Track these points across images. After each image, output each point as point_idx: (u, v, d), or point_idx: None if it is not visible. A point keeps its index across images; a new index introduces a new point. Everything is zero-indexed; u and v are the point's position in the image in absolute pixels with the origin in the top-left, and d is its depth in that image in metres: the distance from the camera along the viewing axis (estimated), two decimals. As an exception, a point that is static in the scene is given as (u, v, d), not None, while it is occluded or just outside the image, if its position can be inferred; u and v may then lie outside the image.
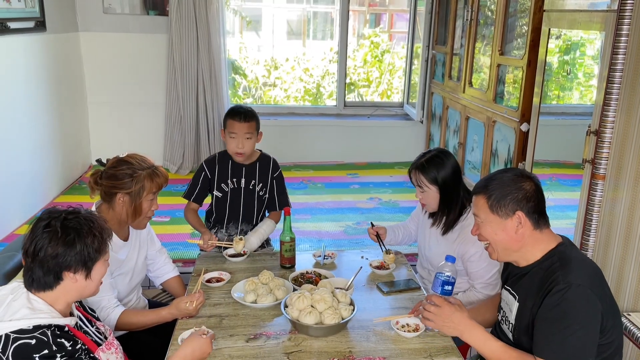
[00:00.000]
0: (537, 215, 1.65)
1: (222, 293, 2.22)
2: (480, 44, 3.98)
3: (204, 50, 4.84)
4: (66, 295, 1.52)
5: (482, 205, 1.71)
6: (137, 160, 2.06)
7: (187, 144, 5.03)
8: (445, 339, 1.91)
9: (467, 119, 4.07)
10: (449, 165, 2.27)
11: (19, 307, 1.44)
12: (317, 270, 2.38)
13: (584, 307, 1.53)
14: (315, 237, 3.56)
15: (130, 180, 2.00)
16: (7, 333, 1.40)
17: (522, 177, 1.68)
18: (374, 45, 7.73)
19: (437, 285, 1.83)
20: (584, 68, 4.19)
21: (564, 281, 1.55)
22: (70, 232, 1.47)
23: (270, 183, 2.81)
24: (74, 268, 1.48)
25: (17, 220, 3.60)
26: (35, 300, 1.47)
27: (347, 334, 1.94)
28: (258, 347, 1.86)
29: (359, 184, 4.82)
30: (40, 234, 1.46)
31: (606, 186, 2.21)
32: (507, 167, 3.37)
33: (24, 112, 3.79)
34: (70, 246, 1.46)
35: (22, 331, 1.40)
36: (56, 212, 1.51)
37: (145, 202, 2.05)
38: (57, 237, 1.45)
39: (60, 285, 1.49)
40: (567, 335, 1.52)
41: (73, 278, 1.49)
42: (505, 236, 1.68)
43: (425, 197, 2.31)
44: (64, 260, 1.46)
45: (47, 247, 1.44)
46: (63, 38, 4.47)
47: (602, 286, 1.62)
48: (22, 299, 1.47)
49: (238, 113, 2.68)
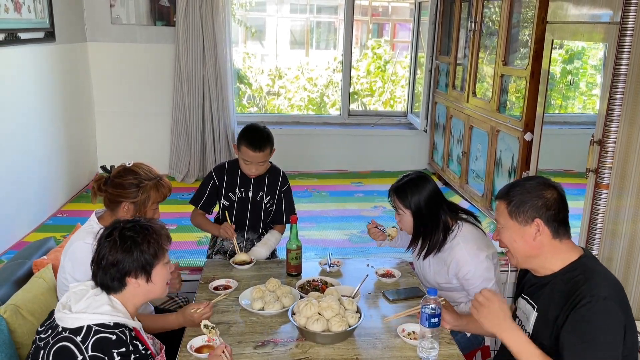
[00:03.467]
0: (556, 224, 1.65)
1: (229, 300, 2.24)
2: (484, 54, 4.02)
3: (210, 60, 4.89)
4: (134, 299, 1.62)
5: (502, 210, 1.73)
6: (143, 170, 2.10)
7: (193, 153, 5.07)
8: (452, 346, 1.93)
9: (470, 128, 4.10)
10: (424, 191, 2.25)
11: (102, 302, 1.54)
12: (323, 278, 2.40)
13: (612, 322, 1.54)
14: (321, 245, 3.58)
15: (136, 190, 2.04)
16: (89, 325, 1.48)
17: (545, 185, 1.69)
18: (377, 56, 7.79)
19: (424, 320, 1.82)
20: (586, 78, 4.23)
21: (590, 294, 1.55)
22: (127, 240, 1.59)
23: (278, 196, 2.84)
24: (134, 273, 1.59)
25: (25, 228, 3.63)
26: (115, 301, 1.58)
27: (353, 341, 1.96)
28: (266, 354, 1.88)
29: (363, 192, 4.85)
30: (103, 243, 1.60)
31: (610, 195, 2.23)
32: (511, 176, 3.39)
33: (33, 121, 3.84)
34: (127, 253, 1.58)
35: (104, 325, 1.49)
36: (118, 222, 1.66)
37: (149, 211, 2.09)
38: (116, 245, 1.58)
39: (125, 290, 1.60)
40: (598, 350, 1.52)
41: (135, 283, 1.60)
42: (524, 243, 1.69)
43: (401, 220, 2.33)
44: (123, 267, 1.58)
45: (108, 255, 1.58)
46: (71, 48, 4.52)
47: (624, 300, 1.62)
48: (104, 296, 1.57)
49: (252, 142, 2.62)
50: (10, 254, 3.15)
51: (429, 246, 2.28)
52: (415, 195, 2.24)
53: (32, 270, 2.33)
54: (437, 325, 1.84)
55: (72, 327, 1.48)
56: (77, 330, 1.47)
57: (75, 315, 1.49)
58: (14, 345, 1.82)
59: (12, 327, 1.84)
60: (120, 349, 1.47)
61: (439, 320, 1.84)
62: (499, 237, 1.78)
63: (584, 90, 4.36)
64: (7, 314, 1.85)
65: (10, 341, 1.80)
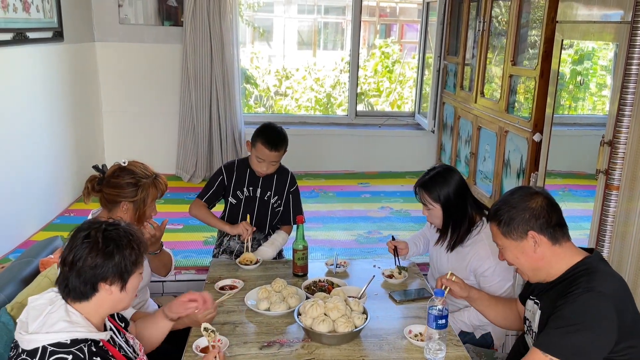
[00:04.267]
0: (551, 229, 1.64)
1: (235, 301, 2.24)
2: (492, 54, 3.99)
3: (218, 61, 4.90)
4: (101, 308, 1.51)
5: (496, 232, 1.73)
6: (139, 169, 2.08)
7: (200, 153, 5.08)
8: (459, 348, 1.92)
9: (478, 129, 4.08)
10: (452, 182, 2.24)
11: (57, 319, 1.43)
12: (329, 279, 2.39)
13: (596, 312, 1.52)
14: (327, 245, 3.57)
15: (135, 190, 2.03)
16: (44, 345, 1.39)
17: (529, 195, 1.68)
18: (385, 55, 7.77)
19: (431, 321, 1.81)
20: (596, 78, 4.19)
21: (585, 287, 1.55)
22: (109, 243, 1.47)
23: (285, 197, 2.83)
24: (110, 280, 1.48)
25: (33, 227, 3.65)
26: (74, 313, 1.47)
27: (360, 342, 1.95)
28: (272, 355, 1.87)
29: (370, 193, 4.83)
30: (80, 244, 1.46)
31: (620, 197, 2.20)
32: (520, 177, 3.36)
33: (41, 120, 3.86)
34: (109, 257, 1.46)
35: (60, 345, 1.40)
36: (97, 223, 1.51)
37: (148, 209, 2.08)
38: (97, 247, 1.46)
39: (95, 297, 1.48)
40: (570, 332, 1.51)
41: (109, 290, 1.49)
42: (526, 258, 1.69)
43: (430, 215, 2.32)
44: (101, 271, 1.46)
45: (87, 257, 1.45)
46: (80, 48, 4.54)
47: (626, 302, 1.59)
48: (60, 311, 1.46)
49: (270, 141, 2.63)
50: (17, 252, 3.17)
51: (458, 238, 2.28)
52: (445, 188, 2.23)
53: (38, 269, 2.33)
54: (445, 327, 1.83)
55: (28, 349, 1.41)
56: (33, 352, 1.40)
57: (30, 337, 1.41)
58: (20, 344, 1.82)
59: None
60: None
61: (446, 321, 1.83)
62: (504, 258, 1.77)
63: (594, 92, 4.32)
64: (14, 312, 1.85)
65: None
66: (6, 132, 3.37)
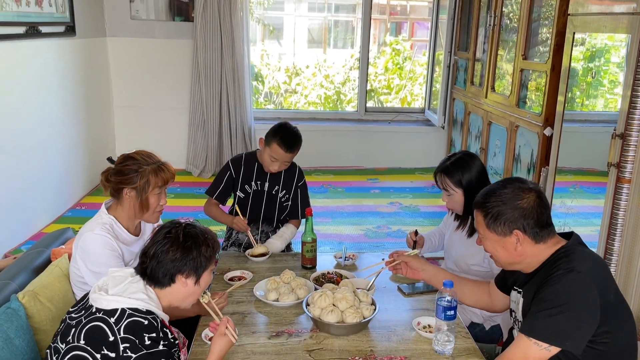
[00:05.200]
0: (537, 230, 1.61)
1: (244, 291, 2.24)
2: (503, 49, 3.97)
3: (228, 56, 4.91)
4: (172, 297, 1.63)
5: (480, 221, 1.70)
6: (142, 156, 2.10)
7: (210, 148, 5.10)
8: (468, 340, 1.91)
9: (489, 124, 4.06)
10: (474, 167, 2.25)
11: (137, 289, 1.56)
12: (338, 271, 2.39)
13: (579, 292, 1.50)
14: (336, 239, 3.58)
15: (135, 175, 2.04)
16: (124, 308, 1.51)
17: (522, 190, 1.64)
18: (396, 52, 7.75)
19: (440, 312, 1.80)
20: (608, 75, 4.15)
21: (565, 268, 1.54)
22: (189, 239, 1.61)
23: (294, 191, 2.84)
24: (187, 273, 1.61)
25: (45, 220, 3.69)
26: (150, 291, 1.60)
27: (368, 333, 1.94)
28: (280, 345, 1.87)
29: (379, 188, 4.83)
30: (162, 239, 1.61)
31: (632, 190, 2.19)
32: (530, 172, 3.35)
33: (54, 114, 3.89)
34: (187, 252, 1.60)
35: (138, 310, 1.52)
36: (178, 222, 1.67)
37: (152, 196, 2.08)
38: (177, 242, 1.60)
39: (170, 287, 1.61)
40: (552, 314, 1.50)
41: (184, 282, 1.62)
42: (505, 252, 1.67)
43: (450, 201, 2.31)
44: (180, 265, 1.59)
45: (169, 250, 1.59)
46: (91, 43, 4.58)
47: (606, 282, 1.58)
48: (140, 284, 1.59)
49: (286, 142, 2.62)
50: (29, 243, 3.21)
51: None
52: (467, 173, 2.23)
53: (50, 259, 2.36)
54: (453, 318, 1.82)
55: (106, 309, 1.51)
56: (112, 312, 1.50)
57: (111, 297, 1.52)
58: (32, 330, 1.84)
59: (29, 313, 1.86)
60: (151, 334, 1.50)
61: (455, 313, 1.82)
62: (482, 244, 1.75)
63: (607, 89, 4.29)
64: (25, 300, 1.87)
65: (28, 326, 1.82)
66: (19, 125, 3.41)
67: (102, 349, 1.46)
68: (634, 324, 1.65)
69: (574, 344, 1.50)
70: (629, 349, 1.62)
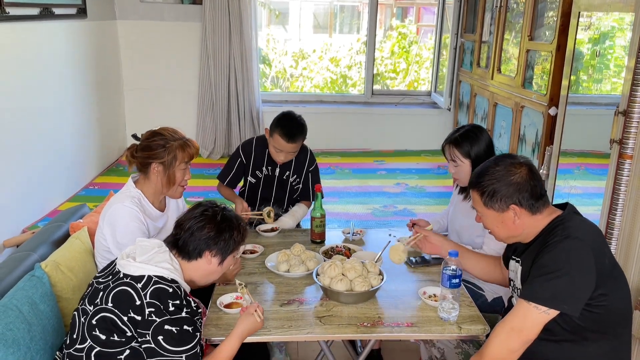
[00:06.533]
0: (532, 201, 1.68)
1: (255, 264, 2.32)
2: (510, 30, 4.00)
3: (236, 38, 4.96)
4: (195, 272, 1.72)
5: (477, 200, 1.76)
6: (169, 132, 2.19)
7: (219, 130, 5.17)
8: (472, 308, 1.98)
9: (495, 105, 4.10)
10: (482, 140, 2.31)
11: (163, 259, 1.65)
12: (346, 245, 2.46)
13: (576, 257, 1.57)
14: (344, 218, 3.65)
15: (163, 150, 2.12)
16: (150, 275, 1.59)
17: (513, 166, 1.70)
18: (402, 36, 7.75)
19: (445, 280, 1.87)
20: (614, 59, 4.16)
21: (561, 235, 1.61)
22: (225, 221, 1.71)
23: (305, 175, 2.88)
24: (215, 252, 1.70)
25: (60, 198, 3.78)
26: (176, 262, 1.68)
27: (375, 302, 2.02)
28: (292, 312, 1.95)
29: (385, 170, 4.89)
30: (199, 215, 1.70)
31: (633, 166, 2.23)
32: (535, 152, 3.39)
33: (66, 96, 3.96)
34: (221, 232, 1.69)
35: (163, 278, 1.60)
36: (216, 204, 1.78)
37: (178, 171, 2.16)
38: (214, 222, 1.69)
39: (196, 262, 1.70)
40: (550, 278, 1.57)
41: (210, 260, 1.70)
42: (504, 227, 1.74)
43: (458, 172, 2.36)
44: (212, 242, 1.68)
45: (205, 227, 1.68)
46: (102, 25, 4.63)
47: (602, 247, 1.65)
48: (165, 254, 1.67)
49: (287, 132, 2.61)
50: (45, 220, 3.30)
51: None
52: (475, 146, 2.29)
53: (68, 232, 2.44)
54: (458, 286, 1.89)
55: (134, 275, 1.59)
56: (139, 278, 1.58)
57: (138, 265, 1.60)
58: (55, 297, 1.93)
59: (52, 281, 1.94)
60: (175, 301, 1.58)
61: (459, 281, 1.89)
62: (481, 221, 1.82)
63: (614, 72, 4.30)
64: (48, 269, 1.96)
65: (51, 292, 1.90)
66: (35, 106, 3.49)
67: (128, 312, 1.55)
68: (628, 289, 1.72)
69: (571, 307, 1.57)
70: (625, 313, 1.69)
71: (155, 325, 1.54)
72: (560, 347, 1.66)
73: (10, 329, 1.65)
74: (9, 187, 3.16)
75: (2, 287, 1.90)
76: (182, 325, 1.57)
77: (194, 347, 1.59)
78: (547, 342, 1.66)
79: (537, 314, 1.58)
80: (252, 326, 1.76)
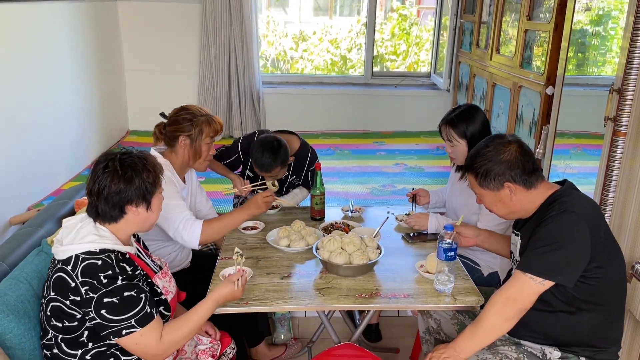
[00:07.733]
0: (525, 177, 1.74)
1: (257, 239, 2.39)
2: (509, 10, 4.01)
3: (236, 19, 4.96)
4: (128, 227, 1.69)
5: (473, 182, 1.84)
6: (195, 108, 2.30)
7: (220, 111, 5.20)
8: (467, 281, 2.05)
9: (493, 85, 4.13)
10: (478, 120, 2.35)
11: (87, 232, 1.62)
12: (345, 221, 2.52)
13: (571, 230, 1.63)
14: (343, 197, 3.70)
15: (189, 124, 2.23)
16: (76, 254, 1.58)
17: (502, 145, 1.77)
18: (402, 17, 7.74)
19: (441, 253, 1.94)
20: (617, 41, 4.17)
21: (558, 209, 1.67)
22: (127, 169, 1.63)
23: (305, 174, 2.96)
24: (135, 202, 1.65)
25: (63, 177, 3.84)
26: (102, 229, 1.65)
27: (374, 275, 2.08)
28: (292, 284, 2.02)
29: (385, 151, 4.93)
30: (101, 174, 1.62)
31: (627, 143, 2.28)
32: (532, 131, 3.43)
33: (68, 77, 3.99)
34: (130, 182, 1.63)
35: (90, 253, 1.58)
36: (111, 154, 1.67)
37: (204, 144, 2.27)
38: (117, 175, 1.61)
39: (123, 219, 1.66)
40: (546, 251, 1.63)
41: (135, 211, 1.66)
42: (503, 205, 1.81)
43: (454, 151, 2.41)
44: (125, 195, 1.63)
45: (111, 184, 1.61)
46: (102, 6, 4.64)
47: (598, 221, 1.70)
48: (89, 226, 1.65)
49: (261, 166, 2.68)
50: (50, 199, 3.35)
51: None
52: (471, 125, 2.34)
53: (74, 209, 2.50)
54: (454, 259, 1.95)
55: (63, 259, 1.59)
56: (67, 260, 1.57)
57: (64, 248, 1.59)
58: (63, 270, 1.99)
59: (59, 255, 2.01)
60: (107, 272, 1.55)
61: (455, 254, 1.95)
62: (481, 202, 1.88)
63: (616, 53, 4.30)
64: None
65: (59, 266, 1.96)
66: (37, 86, 3.52)
67: (68, 295, 1.56)
68: (623, 263, 1.78)
69: (565, 278, 1.64)
70: (619, 286, 1.76)
71: (95, 301, 1.53)
72: (556, 317, 1.73)
73: (21, 301, 1.71)
74: (14, 166, 3.21)
75: (11, 260, 1.97)
76: (122, 293, 1.56)
77: (142, 308, 1.59)
78: (544, 312, 1.73)
79: (533, 284, 1.65)
80: (230, 293, 1.78)
